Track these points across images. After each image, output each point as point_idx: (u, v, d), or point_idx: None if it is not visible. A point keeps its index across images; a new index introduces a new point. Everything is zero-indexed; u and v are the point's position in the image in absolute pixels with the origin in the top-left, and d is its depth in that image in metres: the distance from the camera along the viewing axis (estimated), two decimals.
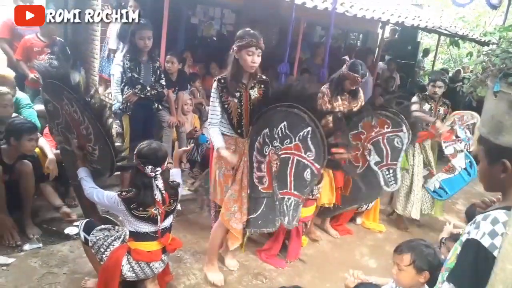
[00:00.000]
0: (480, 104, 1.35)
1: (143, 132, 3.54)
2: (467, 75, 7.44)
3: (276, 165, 2.56)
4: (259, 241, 3.34)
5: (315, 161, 2.49)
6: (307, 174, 2.52)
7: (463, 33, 7.18)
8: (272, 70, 5.02)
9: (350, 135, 3.48)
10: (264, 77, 2.70)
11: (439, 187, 3.92)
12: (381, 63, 7.62)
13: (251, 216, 2.65)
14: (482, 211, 1.29)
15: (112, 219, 2.68)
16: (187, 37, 6.21)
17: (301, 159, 2.51)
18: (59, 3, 5.19)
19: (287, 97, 2.50)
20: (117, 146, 2.50)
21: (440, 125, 3.29)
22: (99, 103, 2.38)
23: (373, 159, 3.44)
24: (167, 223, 2.37)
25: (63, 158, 2.89)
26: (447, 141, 3.85)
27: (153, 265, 2.34)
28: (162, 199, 2.25)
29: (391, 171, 3.44)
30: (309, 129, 2.45)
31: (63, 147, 2.70)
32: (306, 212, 3.18)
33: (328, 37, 5.22)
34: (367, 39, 8.66)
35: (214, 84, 2.61)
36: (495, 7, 7.80)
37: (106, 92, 4.98)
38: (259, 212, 2.65)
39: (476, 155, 3.78)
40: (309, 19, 5.76)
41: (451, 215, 4.59)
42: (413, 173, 4.04)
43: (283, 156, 2.54)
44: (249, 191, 2.64)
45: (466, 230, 1.25)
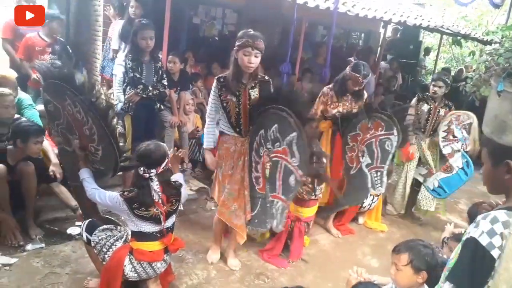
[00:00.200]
0: (483, 103, 1.35)
1: (145, 132, 3.54)
2: (470, 74, 7.41)
3: (268, 167, 2.55)
4: (262, 241, 3.34)
5: (299, 167, 2.48)
6: (291, 180, 2.51)
7: (466, 32, 7.14)
8: (274, 70, 5.01)
9: (348, 136, 3.48)
10: (266, 77, 2.70)
11: (438, 186, 3.96)
12: (383, 62, 7.60)
13: (253, 214, 2.68)
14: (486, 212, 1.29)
15: (113, 219, 2.68)
16: (189, 37, 6.21)
17: (287, 164, 2.50)
18: (62, 3, 5.21)
19: (277, 99, 2.50)
20: (120, 146, 2.50)
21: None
22: (104, 103, 2.37)
23: (365, 161, 3.45)
24: (169, 223, 2.37)
25: (62, 159, 2.88)
26: (445, 141, 3.88)
27: (155, 265, 2.34)
28: (160, 200, 2.25)
29: (378, 173, 3.46)
30: (295, 134, 2.43)
31: (63, 148, 2.68)
32: (308, 212, 3.18)
33: (330, 37, 5.21)
34: (369, 38, 8.63)
35: (214, 82, 2.67)
36: (497, 6, 7.76)
37: (108, 92, 4.99)
38: (255, 211, 2.67)
39: (472, 154, 3.88)
40: (311, 19, 5.74)
41: (454, 215, 4.58)
42: (402, 168, 4.08)
43: (274, 159, 2.53)
44: (250, 190, 2.66)
45: (467, 230, 1.25)
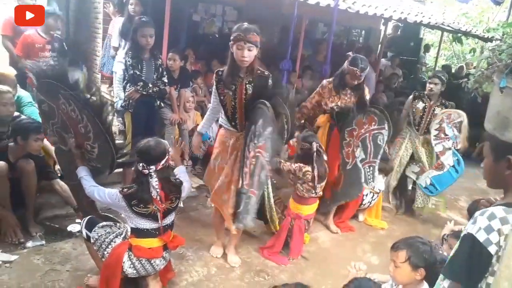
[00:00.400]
0: (485, 100, 1.34)
1: (145, 129, 3.53)
2: (472, 71, 7.40)
3: (253, 162, 2.48)
4: (262, 238, 3.34)
5: (269, 163, 2.45)
6: (263, 175, 2.46)
7: (466, 29, 7.12)
8: (274, 67, 5.00)
9: (346, 132, 3.48)
10: (266, 72, 2.66)
11: (430, 184, 4.00)
12: (383, 60, 7.58)
13: (238, 210, 2.57)
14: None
15: (112, 216, 2.68)
16: (189, 34, 6.19)
17: (263, 159, 2.45)
18: (61, 1, 5.19)
19: (264, 94, 2.48)
20: (117, 143, 2.49)
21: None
22: (98, 101, 2.36)
23: (360, 156, 3.45)
24: (168, 220, 2.37)
25: (58, 158, 2.87)
26: (437, 139, 3.90)
27: (154, 262, 2.34)
28: (159, 197, 2.24)
29: (371, 168, 3.46)
30: (271, 129, 2.39)
31: (59, 147, 2.68)
32: (308, 210, 3.17)
33: (330, 34, 5.20)
34: (370, 35, 8.60)
35: (214, 75, 2.68)
36: (498, 3, 7.75)
37: (108, 89, 4.98)
38: (241, 208, 2.57)
39: (464, 152, 3.92)
40: (311, 16, 5.73)
41: (454, 212, 4.58)
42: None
43: (257, 154, 2.47)
44: (239, 186, 2.58)
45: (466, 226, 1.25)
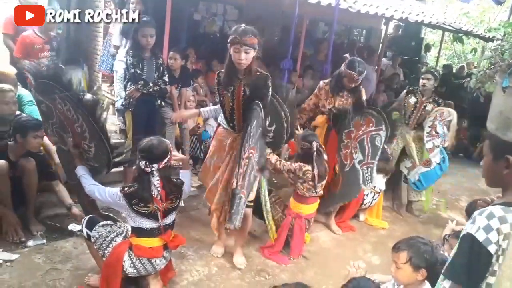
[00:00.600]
0: (487, 100, 1.34)
1: (146, 128, 3.53)
2: (473, 71, 7.38)
3: (246, 163, 2.46)
4: (262, 237, 3.34)
5: (257, 163, 2.42)
6: (252, 175, 2.43)
7: (468, 29, 7.11)
8: (275, 66, 5.00)
9: (343, 134, 3.48)
10: (265, 73, 2.63)
11: (418, 179, 4.11)
12: (384, 59, 7.56)
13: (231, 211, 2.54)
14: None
15: (112, 216, 2.68)
16: (189, 33, 6.19)
17: (254, 160, 2.44)
18: (62, 0, 5.18)
19: (258, 95, 2.46)
20: (113, 142, 2.50)
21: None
22: (91, 100, 2.36)
23: (357, 157, 3.45)
24: (169, 220, 2.37)
25: (59, 158, 2.89)
26: (429, 136, 3.95)
27: (155, 261, 2.34)
28: (159, 196, 2.24)
29: (369, 169, 3.45)
30: (260, 129, 2.38)
31: (59, 147, 2.70)
32: (309, 209, 3.17)
33: (331, 33, 5.20)
34: (371, 35, 8.58)
35: (216, 76, 2.69)
36: (500, 3, 7.74)
37: (108, 88, 4.98)
38: (234, 208, 2.53)
39: (452, 150, 4.00)
40: (312, 15, 5.72)
41: (455, 212, 4.58)
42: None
43: (250, 155, 2.45)
44: (233, 186, 2.55)
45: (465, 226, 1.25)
